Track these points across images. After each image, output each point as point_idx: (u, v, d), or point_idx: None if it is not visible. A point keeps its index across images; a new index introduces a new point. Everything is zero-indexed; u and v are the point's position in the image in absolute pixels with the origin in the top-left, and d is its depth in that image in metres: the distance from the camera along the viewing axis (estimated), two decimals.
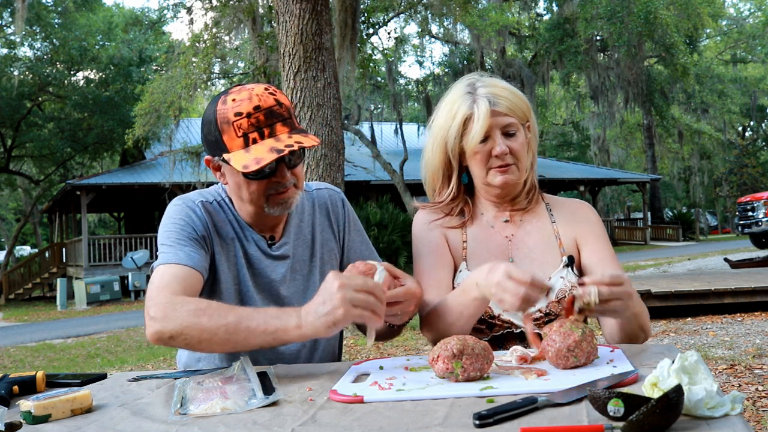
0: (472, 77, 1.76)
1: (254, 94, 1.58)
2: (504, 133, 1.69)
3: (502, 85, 1.73)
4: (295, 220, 1.78)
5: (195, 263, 1.58)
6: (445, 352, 1.25)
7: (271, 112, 1.57)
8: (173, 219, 1.66)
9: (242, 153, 1.56)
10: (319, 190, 1.87)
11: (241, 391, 1.22)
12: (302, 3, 7.00)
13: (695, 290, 6.77)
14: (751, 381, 4.08)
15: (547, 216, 1.82)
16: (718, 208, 47.07)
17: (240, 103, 1.57)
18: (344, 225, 1.86)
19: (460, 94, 1.72)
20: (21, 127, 25.47)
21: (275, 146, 1.54)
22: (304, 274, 1.77)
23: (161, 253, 1.61)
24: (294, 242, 1.77)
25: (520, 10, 27.57)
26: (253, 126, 1.56)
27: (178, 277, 1.53)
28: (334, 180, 7.12)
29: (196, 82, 17.82)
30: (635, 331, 1.58)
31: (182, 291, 1.50)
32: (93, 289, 17.85)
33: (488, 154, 1.69)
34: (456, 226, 1.80)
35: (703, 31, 28.64)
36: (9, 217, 42.17)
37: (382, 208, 20.11)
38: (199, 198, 1.71)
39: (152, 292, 1.50)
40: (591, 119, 30.94)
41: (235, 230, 1.72)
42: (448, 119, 1.73)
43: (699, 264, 14.48)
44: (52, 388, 1.43)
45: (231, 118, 1.57)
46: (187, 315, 1.41)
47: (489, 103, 1.67)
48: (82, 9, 24.96)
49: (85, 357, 8.56)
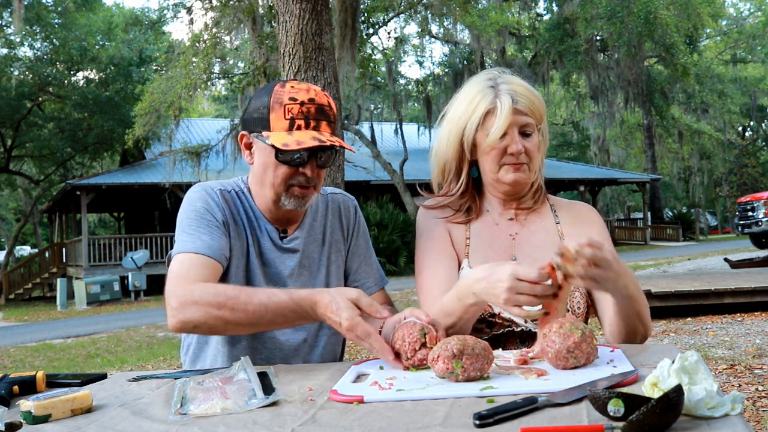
0: (492, 72, 1.74)
1: (312, 88, 1.66)
2: (521, 133, 1.69)
3: (522, 83, 1.72)
4: (309, 219, 1.81)
5: (213, 252, 1.61)
6: (445, 352, 1.25)
7: (322, 110, 1.64)
8: (193, 206, 1.69)
9: (284, 134, 1.61)
10: (334, 194, 1.91)
11: (241, 391, 1.22)
12: (302, 3, 7.00)
13: (695, 290, 6.77)
14: (751, 381, 4.08)
15: (552, 217, 1.82)
16: (718, 208, 47.08)
17: (298, 91, 1.63)
18: (354, 229, 1.89)
19: (481, 87, 1.71)
20: (21, 127, 25.47)
21: (318, 137, 1.60)
22: (312, 271, 1.80)
23: (180, 241, 1.64)
24: (306, 239, 1.79)
25: (520, 10, 27.55)
26: (303, 114, 1.62)
27: (196, 267, 1.57)
28: (334, 180, 7.12)
29: (196, 82, 17.83)
30: (633, 321, 1.56)
31: (201, 280, 1.54)
32: (93, 289, 17.85)
33: (503, 151, 1.69)
34: (460, 221, 1.80)
35: (703, 31, 28.64)
36: (9, 217, 42.17)
37: (382, 208, 20.13)
38: (219, 186, 1.76)
39: (171, 282, 1.55)
40: (591, 119, 30.94)
41: (250, 220, 1.75)
42: (468, 110, 1.71)
43: (699, 264, 14.48)
44: (52, 388, 1.43)
45: (285, 101, 1.62)
46: (209, 307, 1.47)
47: (512, 100, 1.66)
48: (82, 9, 24.94)
49: (85, 357, 8.56)
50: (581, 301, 1.72)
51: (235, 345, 1.73)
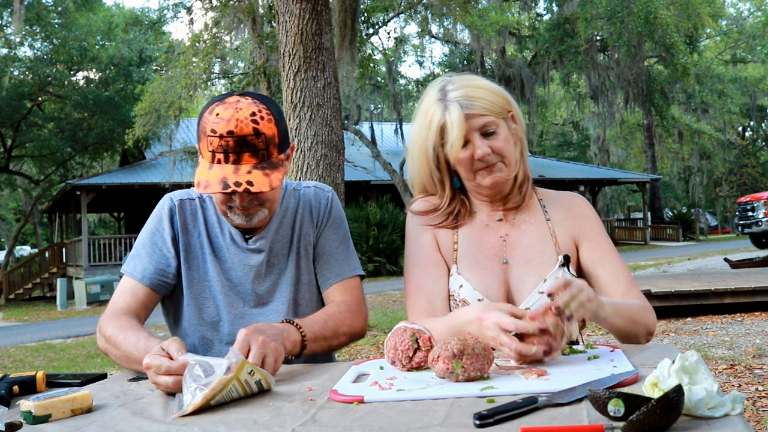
0: (443, 80, 1.71)
1: (235, 117, 1.56)
2: (483, 134, 1.64)
3: (474, 83, 1.67)
4: (278, 217, 1.81)
5: (144, 277, 1.74)
6: (445, 352, 1.25)
7: (244, 141, 1.56)
8: (148, 225, 1.82)
9: (206, 167, 1.60)
10: (307, 188, 1.88)
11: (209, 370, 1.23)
12: (302, 3, 7.00)
13: (695, 290, 6.77)
14: (751, 381, 4.08)
15: (542, 213, 1.78)
16: (718, 208, 47.08)
17: (219, 122, 1.56)
18: (323, 220, 1.85)
19: (432, 102, 1.67)
20: (21, 127, 25.47)
21: (227, 179, 1.56)
22: (281, 269, 1.79)
23: (127, 261, 1.80)
24: (273, 237, 1.79)
25: (520, 10, 27.57)
26: (222, 148, 1.57)
27: (126, 294, 1.73)
28: (334, 180, 7.12)
29: (196, 82, 17.83)
30: (628, 327, 1.57)
31: (126, 308, 1.70)
32: (93, 289, 17.85)
33: (471, 158, 1.65)
34: (448, 226, 1.77)
35: (703, 31, 28.66)
36: (9, 217, 42.17)
37: (382, 208, 20.12)
38: (184, 196, 1.82)
39: (108, 305, 1.75)
40: (591, 119, 30.94)
41: (210, 225, 1.79)
42: (423, 129, 1.69)
43: (699, 264, 14.48)
44: (52, 388, 1.43)
45: (207, 132, 1.59)
46: (104, 342, 1.64)
47: (461, 108, 1.62)
48: (82, 9, 24.95)
49: (85, 357, 8.56)
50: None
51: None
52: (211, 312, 1.76)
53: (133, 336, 1.56)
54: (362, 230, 18.99)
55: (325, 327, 1.65)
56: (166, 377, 1.31)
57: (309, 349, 1.59)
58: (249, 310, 1.76)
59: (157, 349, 1.36)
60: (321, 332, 1.63)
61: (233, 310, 1.75)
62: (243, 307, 1.76)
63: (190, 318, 1.77)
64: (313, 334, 1.60)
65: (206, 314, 1.76)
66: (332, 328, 1.66)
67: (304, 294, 1.81)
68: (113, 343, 1.60)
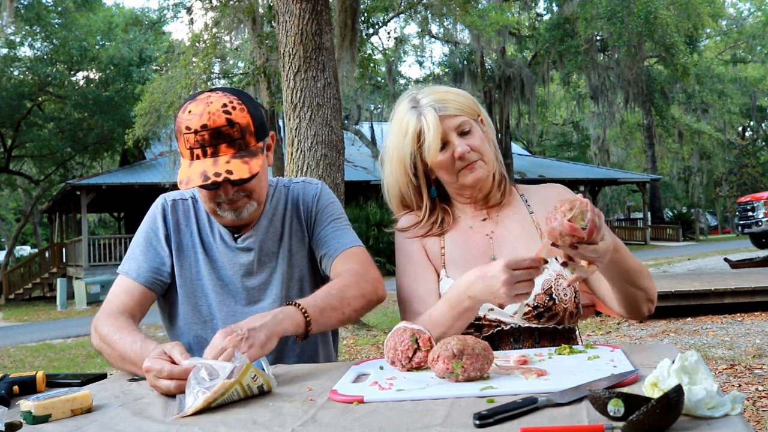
0: (411, 91, 1.76)
1: (207, 111, 1.59)
2: (459, 133, 1.69)
3: (443, 89, 1.73)
4: (268, 215, 1.82)
5: (140, 275, 1.75)
6: (445, 352, 1.25)
7: (219, 133, 1.58)
8: (143, 225, 1.84)
9: (187, 165, 1.62)
10: (296, 184, 1.90)
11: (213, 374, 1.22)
12: (302, 3, 7.00)
13: (695, 290, 6.78)
14: (751, 381, 4.09)
15: (524, 206, 1.81)
16: (718, 208, 47.07)
17: (192, 117, 1.59)
18: (313, 213, 1.85)
19: (404, 111, 1.72)
20: (21, 127, 25.46)
21: (207, 171, 1.57)
22: (272, 266, 1.80)
23: (124, 260, 1.81)
24: (263, 235, 1.80)
25: (520, 10, 27.56)
26: (198, 143, 1.59)
27: (121, 293, 1.75)
28: (334, 180, 7.12)
29: (196, 82, 17.82)
30: (631, 290, 1.57)
31: (121, 306, 1.71)
32: (93, 289, 17.85)
33: (451, 159, 1.69)
34: (434, 234, 1.79)
35: (703, 31, 28.63)
36: (9, 217, 42.17)
37: (382, 208, 20.14)
38: (177, 196, 1.84)
39: (103, 303, 1.75)
40: (591, 119, 30.93)
41: (202, 225, 1.81)
42: (399, 138, 1.72)
43: (699, 264, 14.48)
44: (52, 388, 1.43)
45: (182, 130, 1.61)
46: (99, 341, 1.65)
47: (435, 110, 1.66)
48: (82, 9, 24.95)
49: (85, 357, 8.56)
50: (567, 289, 1.70)
51: None
52: (204, 310, 1.78)
53: (129, 337, 1.56)
54: (362, 230, 19.00)
55: (328, 297, 1.58)
56: (168, 381, 1.31)
57: (317, 323, 1.53)
58: (241, 308, 1.76)
59: (158, 353, 1.36)
60: (325, 303, 1.56)
61: (225, 308, 1.77)
62: (235, 305, 1.77)
63: (185, 316, 1.79)
64: (317, 308, 1.53)
65: (200, 313, 1.78)
66: (338, 297, 1.59)
67: (297, 291, 1.81)
68: (108, 342, 1.60)
